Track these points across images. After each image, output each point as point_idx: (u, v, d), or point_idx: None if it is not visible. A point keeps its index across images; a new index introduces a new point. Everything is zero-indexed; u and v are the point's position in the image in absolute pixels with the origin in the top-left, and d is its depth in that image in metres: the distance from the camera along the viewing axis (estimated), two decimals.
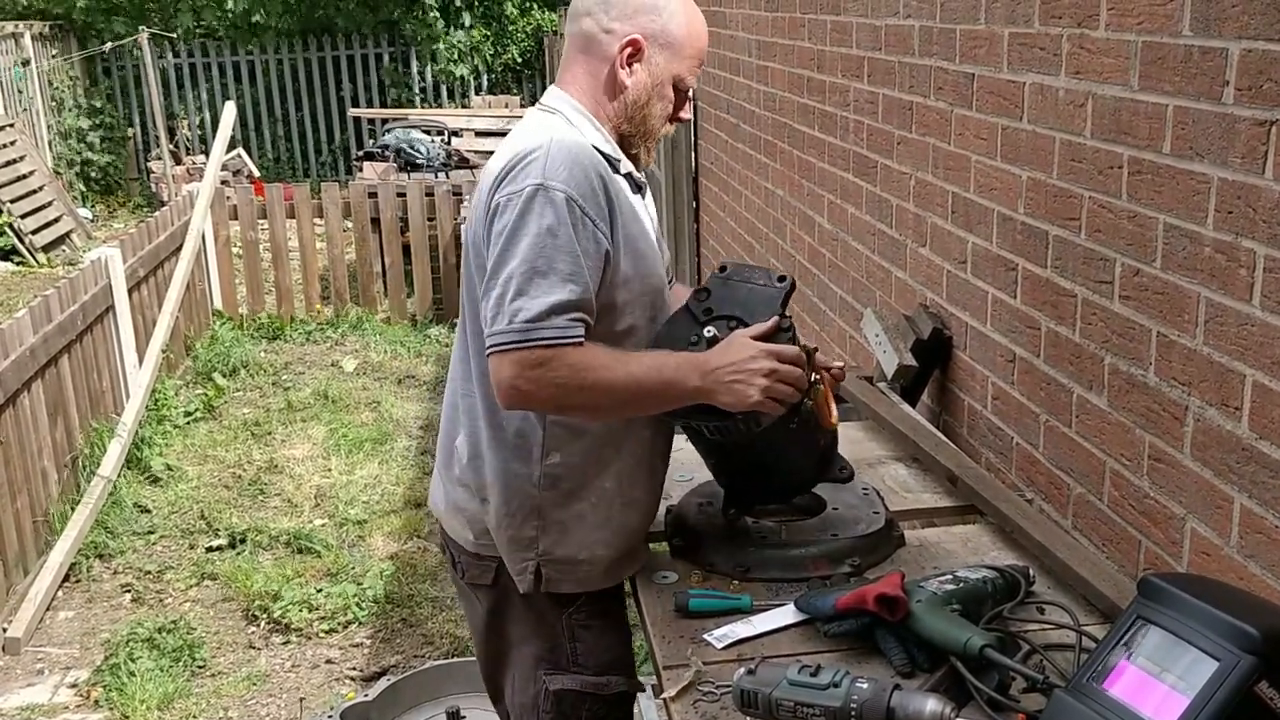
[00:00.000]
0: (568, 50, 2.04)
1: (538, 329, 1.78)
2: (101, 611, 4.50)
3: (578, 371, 1.81)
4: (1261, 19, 1.72)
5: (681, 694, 1.70)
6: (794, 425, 1.96)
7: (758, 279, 2.02)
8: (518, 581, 2.03)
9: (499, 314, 1.80)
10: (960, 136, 2.86)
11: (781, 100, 4.55)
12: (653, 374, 1.87)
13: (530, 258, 1.80)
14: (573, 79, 2.02)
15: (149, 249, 6.65)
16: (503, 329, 1.79)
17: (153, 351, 6.30)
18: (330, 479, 5.63)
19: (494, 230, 1.86)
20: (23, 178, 10.47)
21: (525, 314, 1.78)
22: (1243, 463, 1.82)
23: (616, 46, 1.96)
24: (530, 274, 1.79)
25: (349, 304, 8.16)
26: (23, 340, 4.71)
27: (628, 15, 1.96)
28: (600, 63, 1.98)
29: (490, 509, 2.01)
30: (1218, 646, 1.41)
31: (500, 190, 1.87)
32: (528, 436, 1.97)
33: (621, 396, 1.87)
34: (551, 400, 1.85)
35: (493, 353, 1.81)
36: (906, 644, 1.71)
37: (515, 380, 1.80)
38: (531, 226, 1.81)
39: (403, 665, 4.01)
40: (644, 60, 1.97)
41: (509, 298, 1.80)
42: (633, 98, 1.98)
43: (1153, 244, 2.04)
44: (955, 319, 2.95)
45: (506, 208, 1.84)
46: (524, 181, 1.84)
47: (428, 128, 10.92)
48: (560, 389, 1.81)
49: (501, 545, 2.02)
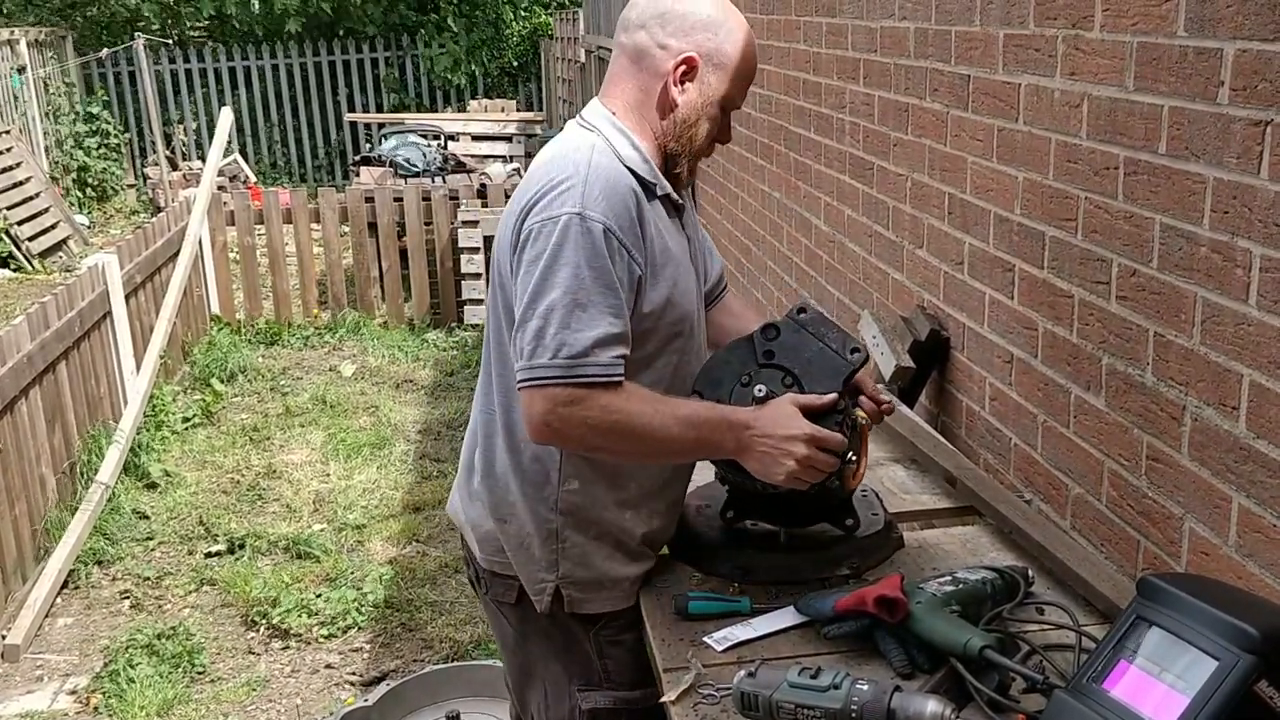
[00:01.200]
0: (617, 61, 1.97)
1: (581, 365, 1.74)
2: (100, 618, 4.50)
3: (611, 414, 1.77)
4: (1256, 19, 1.73)
5: (682, 697, 1.70)
6: (810, 491, 1.92)
7: (831, 339, 1.95)
8: (535, 601, 2.01)
9: (539, 347, 1.75)
10: (956, 138, 2.86)
11: (777, 102, 4.55)
12: (689, 430, 1.83)
13: (571, 289, 1.75)
14: (620, 93, 1.95)
15: (146, 255, 6.64)
16: (544, 363, 1.74)
17: (150, 357, 6.29)
18: (329, 484, 5.63)
19: (525, 257, 1.80)
20: (19, 184, 10.47)
21: (569, 349, 1.74)
22: (1240, 462, 1.82)
23: (671, 63, 1.90)
24: (571, 306, 1.74)
25: (346, 309, 8.16)
26: (20, 347, 4.71)
27: (684, 32, 1.90)
28: (652, 78, 1.92)
29: (509, 529, 2.00)
30: (1217, 646, 1.41)
31: (532, 216, 1.81)
32: (544, 462, 1.95)
33: (653, 446, 1.84)
34: (580, 440, 1.82)
35: (528, 386, 1.76)
36: (906, 645, 1.72)
37: (547, 416, 1.76)
38: (570, 256, 1.76)
39: (402, 670, 4.00)
40: (697, 79, 1.91)
41: (551, 331, 1.74)
42: (683, 116, 1.92)
43: (1149, 244, 2.05)
44: (953, 320, 2.95)
45: (540, 235, 1.78)
46: (559, 209, 1.78)
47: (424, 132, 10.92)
48: (592, 430, 1.78)
49: (519, 565, 2.00)
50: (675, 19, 1.91)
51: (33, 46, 12.50)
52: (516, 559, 2.01)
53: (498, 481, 2.00)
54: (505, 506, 2.00)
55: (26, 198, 10.47)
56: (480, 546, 2.07)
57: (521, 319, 1.79)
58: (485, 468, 2.02)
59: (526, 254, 1.80)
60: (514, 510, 1.99)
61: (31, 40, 12.50)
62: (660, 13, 1.92)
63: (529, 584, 2.01)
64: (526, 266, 1.80)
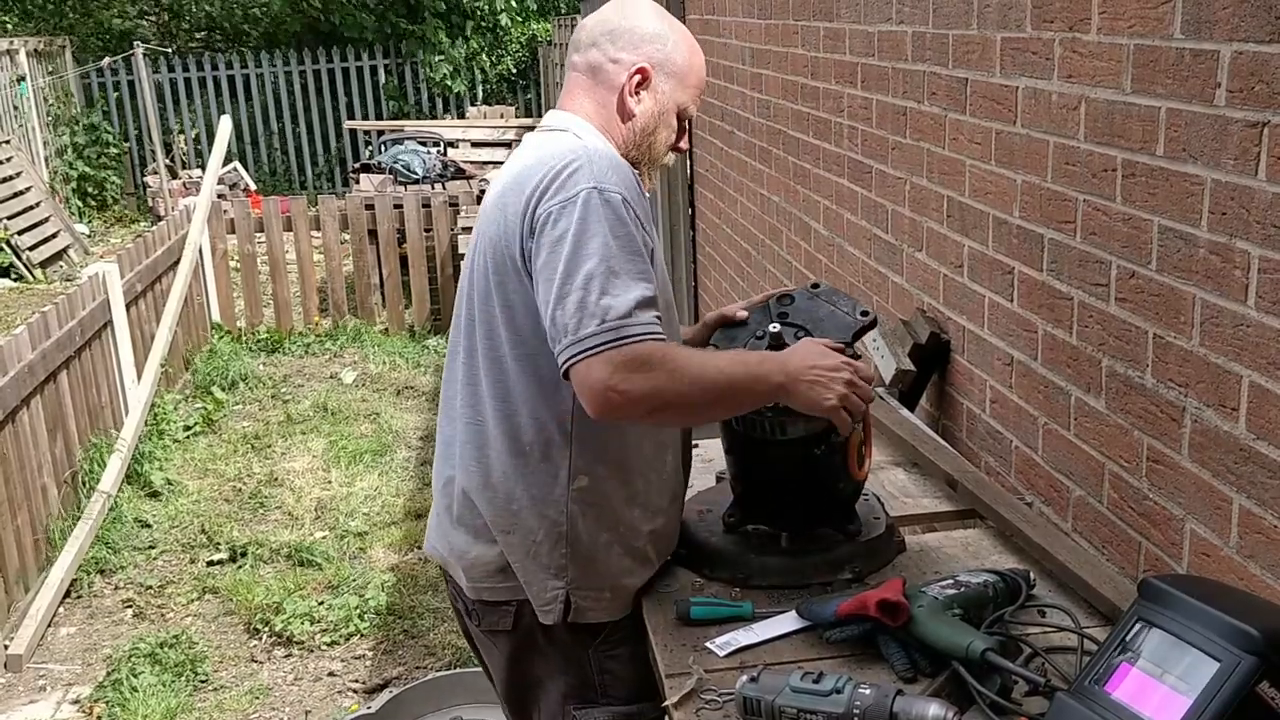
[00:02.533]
0: (571, 82, 2.04)
1: (629, 325, 1.73)
2: (103, 627, 4.50)
3: (667, 366, 1.76)
4: (1252, 21, 1.73)
5: (684, 702, 1.70)
6: (819, 451, 1.95)
7: (842, 305, 2.03)
8: (544, 614, 1.97)
9: (583, 318, 1.73)
10: (954, 141, 2.86)
11: (776, 107, 4.56)
12: (740, 369, 1.84)
13: (605, 257, 1.75)
14: (578, 107, 2.01)
15: (146, 264, 6.65)
16: (593, 330, 1.72)
17: (151, 366, 6.30)
18: (330, 491, 5.63)
19: (546, 240, 1.79)
20: (19, 194, 10.48)
21: (615, 312, 1.72)
22: (1241, 463, 1.82)
23: (625, 75, 1.99)
24: (609, 274, 1.75)
25: (347, 316, 8.16)
26: (21, 357, 4.71)
27: (634, 45, 2.00)
28: (607, 91, 2.00)
29: (514, 539, 1.96)
30: (1219, 647, 1.41)
31: (545, 202, 1.81)
32: (555, 460, 1.93)
33: (714, 394, 1.82)
34: (646, 402, 1.75)
35: (582, 357, 1.73)
36: (908, 649, 1.72)
37: (610, 382, 1.72)
38: (596, 228, 1.77)
39: (405, 677, 4.00)
40: (651, 88, 2.00)
41: (593, 299, 1.73)
42: (641, 125, 2.01)
43: (1148, 246, 2.05)
44: (952, 323, 2.96)
45: (561, 215, 1.79)
46: (575, 187, 1.80)
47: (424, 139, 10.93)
48: (657, 388, 1.75)
49: (529, 574, 1.97)
50: (624, 34, 2.01)
51: (32, 56, 12.52)
52: (524, 569, 1.97)
53: (496, 493, 1.97)
54: (507, 517, 1.97)
55: (27, 207, 10.49)
56: (469, 574, 2.03)
57: (558, 297, 1.76)
58: (478, 483, 1.98)
59: (546, 237, 1.79)
60: (518, 518, 1.96)
61: (31, 50, 12.52)
62: (609, 30, 2.01)
63: (537, 596, 1.97)
64: (550, 248, 1.79)
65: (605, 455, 1.95)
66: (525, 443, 1.93)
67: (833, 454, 2.00)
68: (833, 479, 2.05)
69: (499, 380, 1.94)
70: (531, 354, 1.89)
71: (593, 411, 1.77)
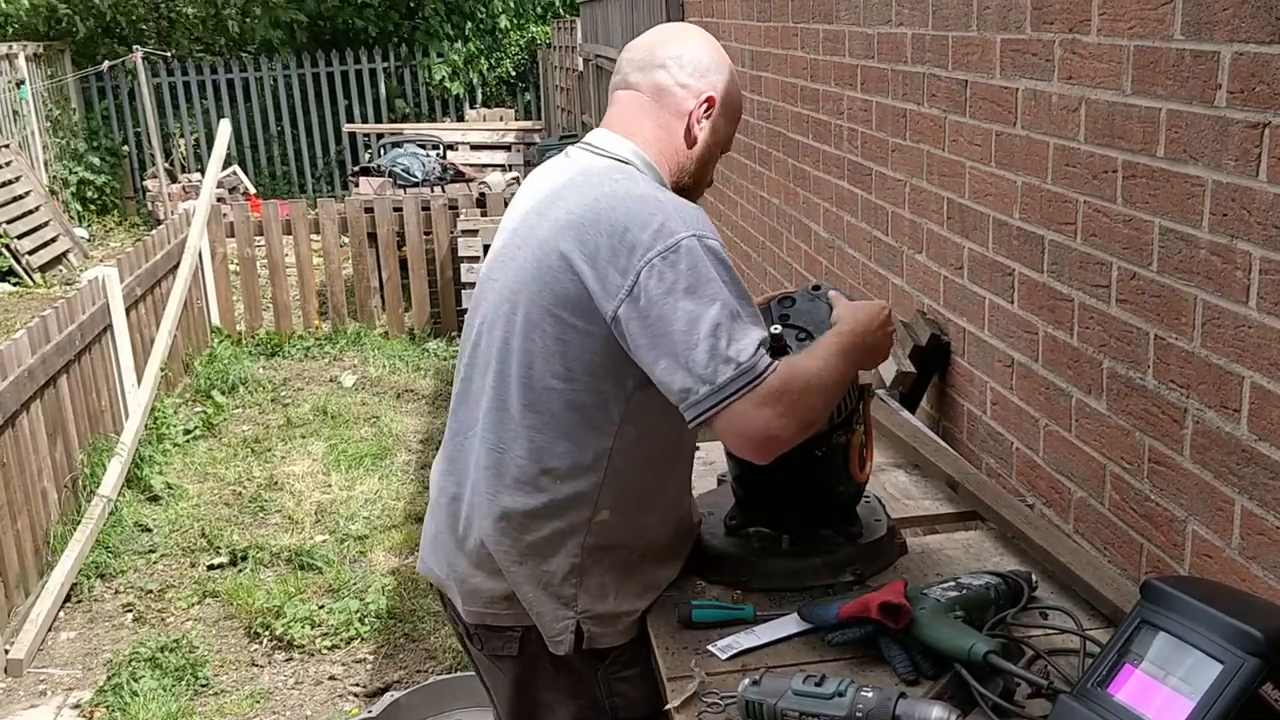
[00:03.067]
0: (628, 100, 2.01)
1: (759, 361, 1.74)
2: (103, 631, 4.50)
3: (805, 383, 1.78)
4: (1252, 22, 1.73)
5: (686, 705, 1.70)
6: (819, 453, 1.96)
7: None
8: (554, 644, 1.93)
9: (718, 367, 1.72)
10: (954, 143, 2.86)
11: (775, 110, 4.56)
12: (842, 360, 1.85)
13: (724, 301, 1.75)
14: (637, 129, 1.98)
15: (146, 268, 6.65)
16: (730, 376, 1.72)
17: (151, 370, 6.29)
18: (330, 495, 5.63)
19: (655, 292, 1.75)
20: (19, 198, 10.49)
21: (744, 353, 1.73)
22: (1242, 464, 1.82)
23: (694, 101, 1.97)
24: (732, 317, 1.75)
25: (347, 319, 8.16)
26: (21, 361, 4.71)
27: (700, 74, 1.99)
28: (673, 116, 1.98)
29: (525, 570, 1.92)
30: (1222, 649, 1.41)
31: (638, 256, 1.76)
32: (582, 493, 1.89)
33: (838, 388, 1.86)
34: (802, 424, 1.78)
35: (728, 403, 1.72)
36: (910, 652, 1.71)
37: (770, 420, 1.73)
38: (708, 274, 1.76)
39: (406, 681, 4.00)
40: (713, 118, 2.00)
41: (723, 345, 1.73)
42: (700, 153, 2.00)
43: (1149, 247, 2.05)
44: (953, 325, 2.96)
45: (666, 266, 1.75)
46: (671, 237, 1.77)
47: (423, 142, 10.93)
48: (807, 408, 1.77)
49: (540, 604, 1.92)
50: (690, 61, 1.99)
51: (31, 61, 12.53)
52: (536, 600, 1.92)
53: (510, 522, 1.91)
54: (521, 548, 1.91)
55: (26, 211, 10.49)
56: (468, 601, 1.99)
57: (684, 347, 1.73)
58: (491, 510, 1.92)
59: (654, 290, 1.75)
60: (532, 549, 1.91)
61: (30, 55, 12.53)
62: (676, 55, 1.99)
63: (548, 627, 1.93)
64: (660, 301, 1.75)
65: (629, 491, 1.92)
66: (554, 475, 1.89)
67: (833, 455, 2.00)
68: (834, 481, 2.05)
69: (536, 411, 1.88)
70: (579, 392, 1.86)
71: (756, 455, 1.79)
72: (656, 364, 1.76)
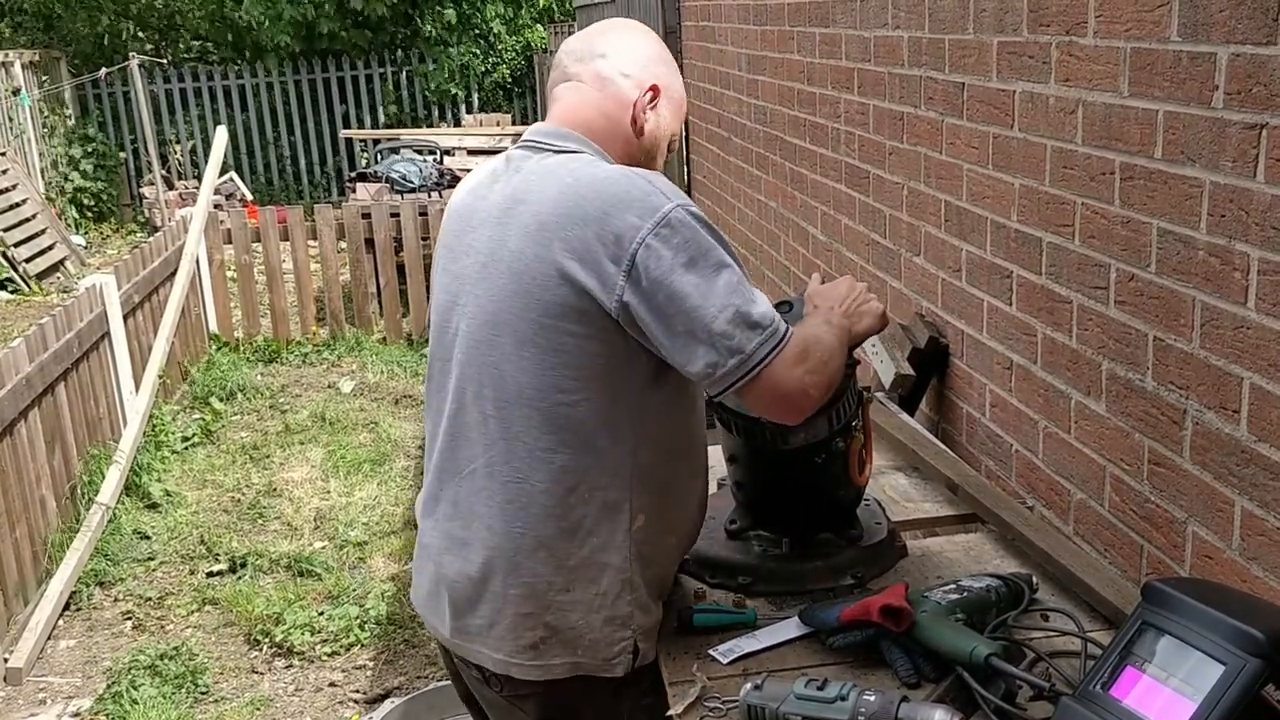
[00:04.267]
0: (570, 92, 1.94)
1: (779, 323, 1.73)
2: (103, 639, 4.49)
3: (819, 342, 1.78)
4: (1249, 23, 1.73)
5: (688, 710, 1.70)
6: (819, 460, 1.96)
7: None
8: (609, 667, 1.83)
9: (743, 333, 1.69)
10: (952, 146, 2.87)
11: (772, 113, 4.56)
12: (830, 327, 1.85)
13: (729, 266, 1.73)
14: (580, 119, 1.92)
15: (143, 275, 6.64)
16: (759, 341, 1.69)
17: (149, 377, 6.29)
18: (329, 501, 5.62)
19: (655, 276, 1.69)
20: (15, 206, 10.48)
21: (767, 314, 1.72)
22: (1242, 465, 1.82)
23: (637, 90, 1.93)
24: (738, 284, 1.73)
25: (345, 325, 8.16)
26: (19, 369, 4.70)
27: (642, 64, 1.95)
28: (616, 105, 1.92)
29: (575, 596, 1.81)
30: (1223, 650, 1.41)
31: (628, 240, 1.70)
32: (618, 503, 1.81)
33: (842, 356, 1.84)
34: (829, 382, 1.78)
35: (761, 368, 1.69)
36: (912, 655, 1.71)
37: (803, 375, 1.72)
38: (706, 242, 1.73)
39: (406, 687, 3.99)
40: (658, 109, 1.96)
41: (741, 313, 1.70)
42: (647, 144, 1.96)
43: (1147, 249, 2.05)
44: (952, 327, 2.96)
45: (662, 246, 1.69)
46: (659, 210, 1.71)
47: (420, 147, 10.93)
48: (828, 366, 1.77)
49: (592, 631, 1.82)
50: (631, 51, 1.96)
51: (27, 68, 12.53)
52: (586, 628, 1.81)
53: (553, 552, 1.80)
54: (564, 575, 1.81)
55: (23, 219, 10.48)
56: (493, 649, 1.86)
57: (704, 321, 1.68)
58: (532, 544, 1.80)
59: (654, 273, 1.69)
60: (578, 575, 1.81)
61: (26, 62, 12.53)
62: (617, 46, 1.96)
63: (602, 652, 1.82)
64: (665, 280, 1.69)
65: (657, 488, 1.86)
66: (582, 490, 1.79)
67: (833, 461, 2.00)
68: (834, 486, 2.05)
69: (549, 430, 1.78)
70: (589, 399, 1.77)
71: (789, 415, 1.76)
72: (674, 344, 1.70)
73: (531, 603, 1.82)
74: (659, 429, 1.84)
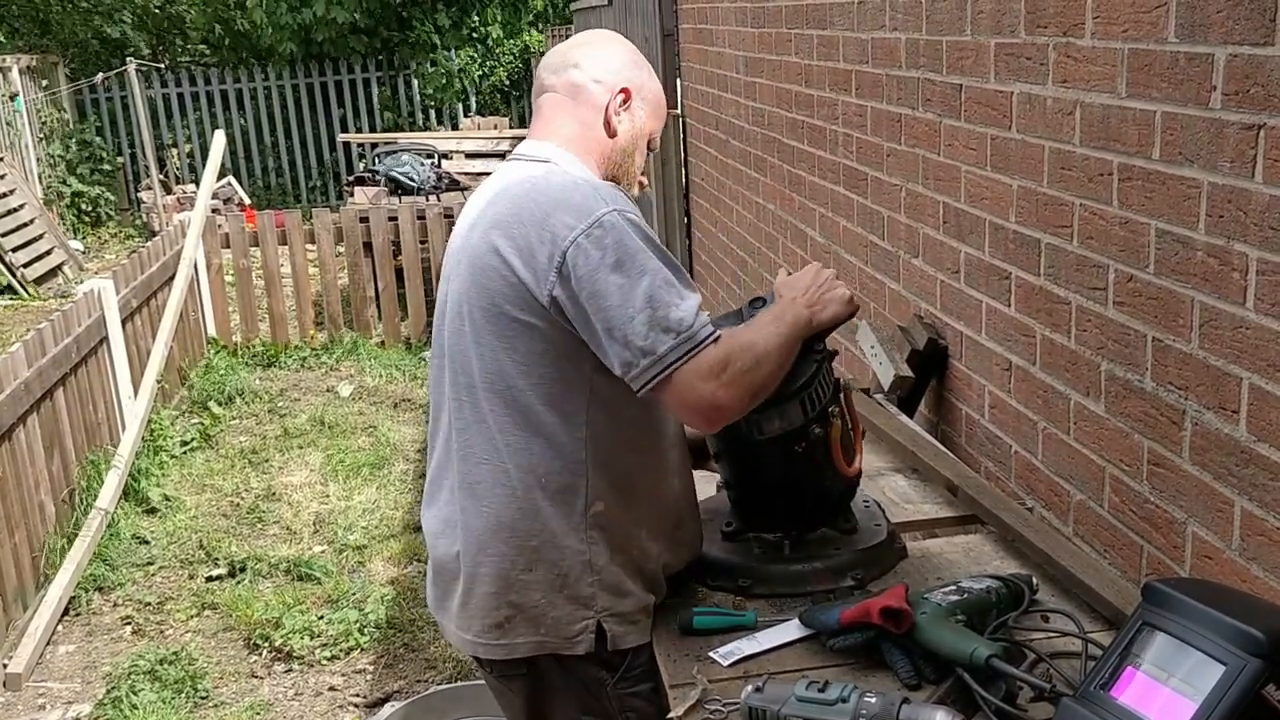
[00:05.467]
0: (547, 104, 2.05)
1: (702, 328, 1.76)
2: (102, 644, 4.48)
3: (745, 352, 1.80)
4: (1246, 24, 1.74)
5: (688, 713, 1.70)
6: (799, 449, 1.96)
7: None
8: (572, 645, 1.91)
9: (658, 336, 1.74)
10: (950, 147, 2.87)
11: (770, 115, 4.56)
12: (780, 326, 1.87)
13: (654, 270, 1.78)
14: (557, 129, 2.03)
15: (142, 279, 6.64)
16: (671, 345, 1.74)
17: (148, 382, 6.28)
18: (329, 505, 5.62)
19: (584, 270, 1.78)
20: (13, 211, 10.47)
21: (685, 321, 1.75)
22: (1242, 465, 1.82)
23: (608, 94, 2.03)
24: (664, 285, 1.77)
25: (343, 329, 8.15)
26: (17, 374, 4.70)
27: (614, 70, 2.05)
28: (590, 111, 2.03)
29: (538, 575, 1.91)
30: (1224, 650, 1.41)
31: (560, 240, 1.80)
32: (574, 487, 1.89)
33: (781, 357, 1.85)
34: (748, 393, 1.80)
35: (665, 374, 1.75)
36: (912, 656, 1.71)
37: (715, 389, 1.75)
38: (634, 245, 1.79)
39: (406, 691, 3.99)
40: (630, 110, 2.05)
41: (660, 315, 1.75)
42: (623, 144, 2.05)
43: (1145, 250, 2.05)
44: (950, 329, 2.96)
45: (592, 244, 1.78)
46: (593, 214, 1.80)
47: (418, 151, 10.93)
48: (750, 376, 1.78)
49: (555, 609, 1.91)
50: (603, 58, 2.06)
51: (25, 73, 12.53)
52: (548, 606, 1.91)
53: (515, 532, 1.91)
54: (526, 555, 1.90)
55: (21, 224, 10.48)
56: (462, 629, 1.99)
57: (621, 320, 1.76)
58: (494, 524, 1.92)
59: (583, 268, 1.78)
60: (539, 555, 1.90)
61: (24, 67, 12.53)
62: (588, 54, 2.06)
63: (563, 630, 1.91)
64: (590, 279, 1.78)
65: (616, 476, 1.92)
66: (542, 474, 1.89)
67: (814, 449, 1.98)
68: (818, 476, 2.03)
69: (507, 415, 1.89)
70: (542, 385, 1.87)
71: (701, 424, 1.84)
72: (595, 341, 1.80)
73: (497, 582, 1.92)
74: (614, 419, 1.91)
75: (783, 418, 1.93)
